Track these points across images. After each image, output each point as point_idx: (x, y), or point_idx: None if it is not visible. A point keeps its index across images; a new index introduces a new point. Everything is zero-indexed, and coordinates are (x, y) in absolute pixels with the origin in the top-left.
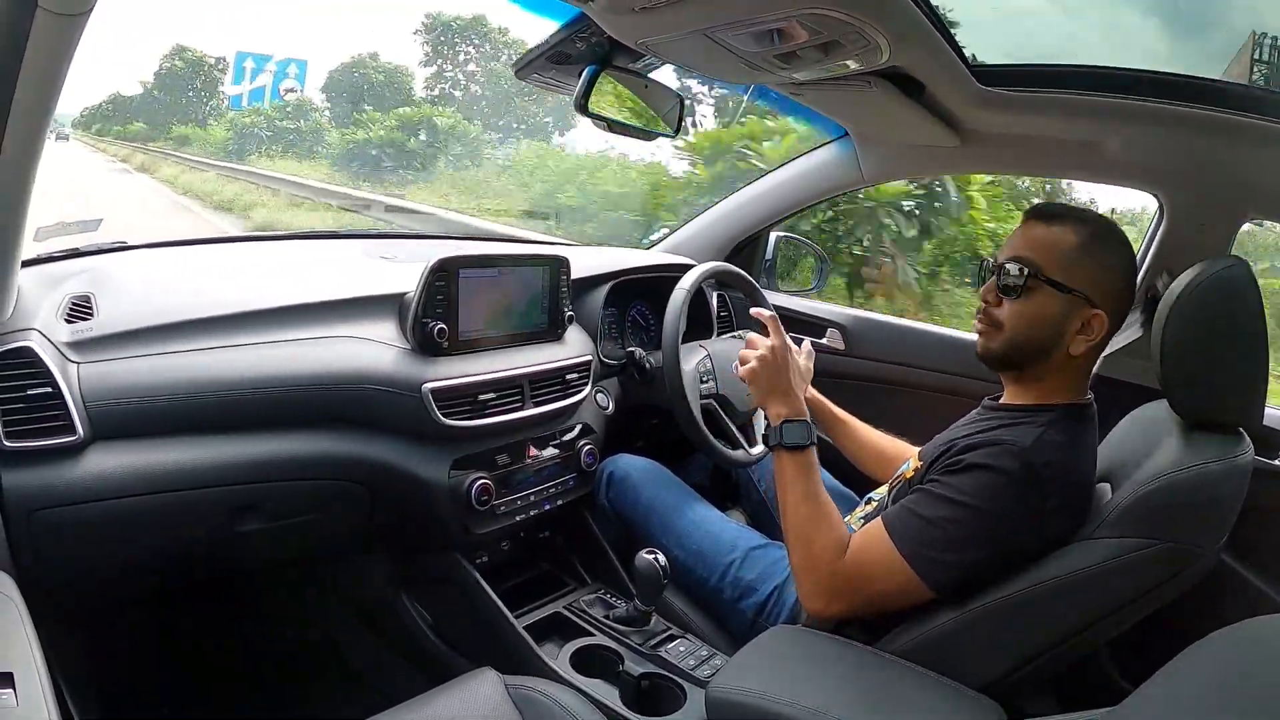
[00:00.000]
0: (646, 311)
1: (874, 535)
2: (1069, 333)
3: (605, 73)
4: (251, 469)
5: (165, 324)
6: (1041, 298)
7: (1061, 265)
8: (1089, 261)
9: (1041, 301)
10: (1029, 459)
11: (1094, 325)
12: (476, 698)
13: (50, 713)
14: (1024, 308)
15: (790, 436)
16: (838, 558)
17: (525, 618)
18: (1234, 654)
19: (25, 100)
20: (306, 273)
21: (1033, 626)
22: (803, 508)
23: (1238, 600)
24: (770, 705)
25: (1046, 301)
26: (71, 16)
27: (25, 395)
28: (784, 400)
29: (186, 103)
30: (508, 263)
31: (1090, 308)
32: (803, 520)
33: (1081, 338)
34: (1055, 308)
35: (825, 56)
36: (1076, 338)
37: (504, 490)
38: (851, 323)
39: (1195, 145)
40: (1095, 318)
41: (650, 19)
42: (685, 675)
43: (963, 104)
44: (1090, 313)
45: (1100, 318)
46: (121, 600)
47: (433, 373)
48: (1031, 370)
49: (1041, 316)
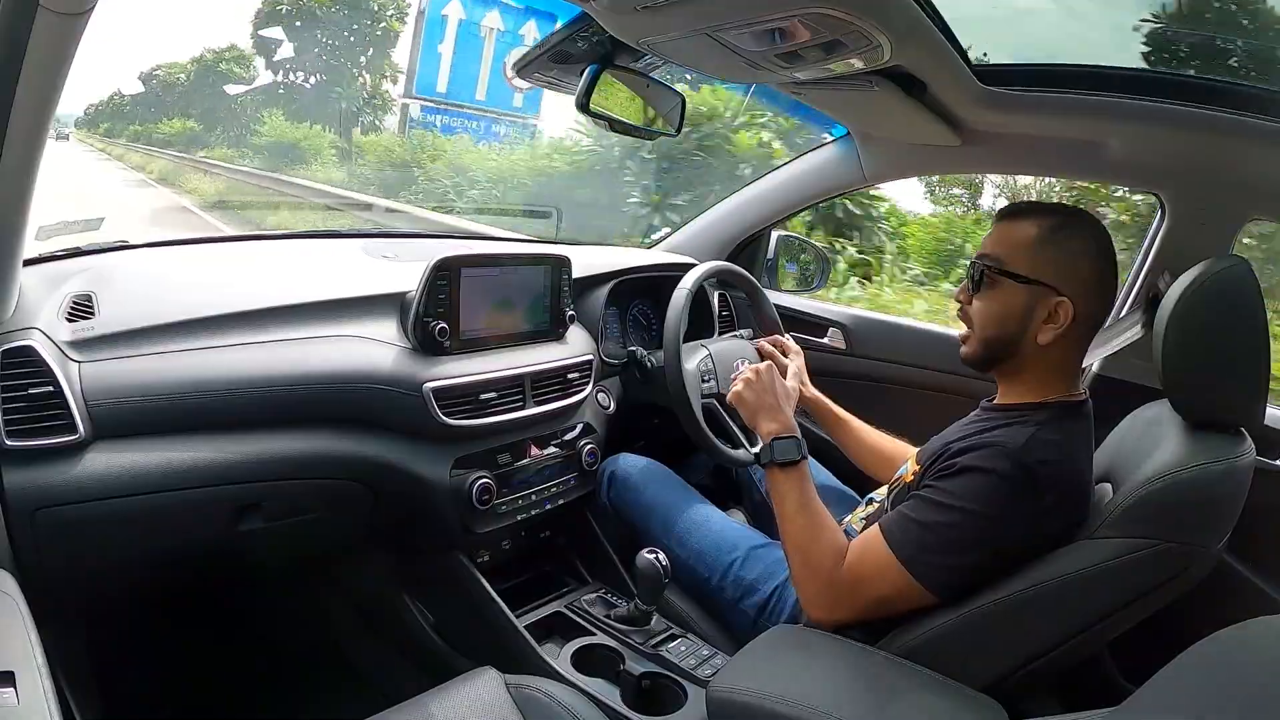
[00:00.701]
0: (648, 311)
1: (872, 542)
2: (1035, 322)
3: (607, 72)
4: (253, 468)
5: (166, 323)
6: (1004, 291)
7: (1023, 257)
8: (1051, 251)
9: (1005, 294)
10: (1021, 459)
11: (1060, 313)
12: (478, 697)
13: (51, 712)
14: (988, 303)
15: (781, 453)
16: (836, 566)
17: (526, 617)
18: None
19: (27, 100)
20: (308, 272)
21: (1034, 627)
22: (798, 519)
23: (1239, 600)
24: (771, 705)
25: (1009, 294)
26: (73, 16)
27: (27, 394)
28: (772, 418)
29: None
30: (509, 262)
31: (1055, 295)
32: (799, 531)
33: (1049, 326)
34: (1018, 299)
35: (827, 56)
36: (1044, 327)
37: (505, 489)
38: (853, 322)
39: (1197, 145)
40: (1061, 305)
41: (652, 18)
42: (686, 675)
43: (964, 103)
44: (1055, 300)
45: (1065, 305)
46: (123, 599)
47: (434, 372)
48: (1009, 365)
49: (1006, 309)
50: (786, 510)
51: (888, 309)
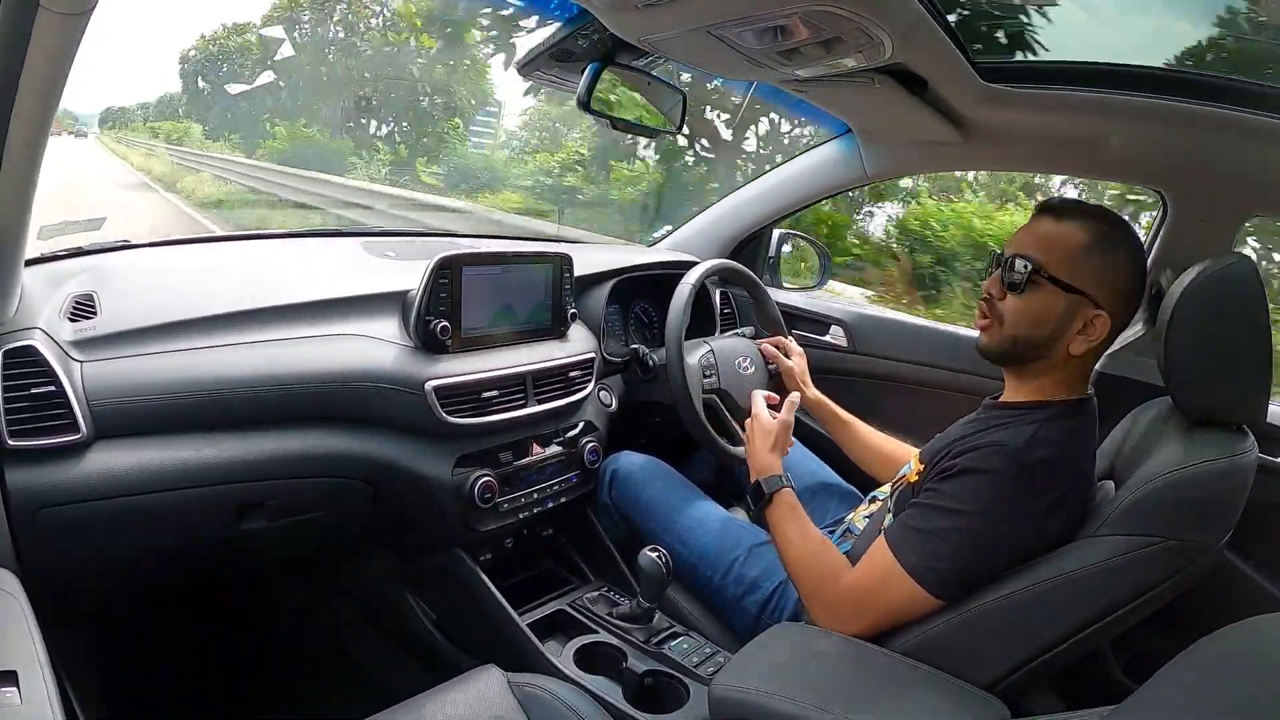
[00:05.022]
0: (649, 309)
1: (878, 554)
2: (1070, 332)
3: (608, 70)
4: (255, 467)
5: (168, 322)
6: (1044, 295)
7: (1067, 264)
8: (1096, 261)
9: (1044, 299)
10: (1021, 458)
11: (1096, 325)
12: (480, 695)
13: (54, 711)
14: (1027, 304)
15: (769, 486)
16: (839, 580)
17: (529, 615)
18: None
19: (28, 100)
20: (309, 270)
21: (1036, 625)
22: (794, 541)
23: (1241, 598)
24: (773, 703)
25: (1049, 299)
26: (74, 16)
27: (29, 394)
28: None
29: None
30: (511, 260)
31: (1093, 308)
32: (798, 554)
33: (1082, 338)
34: (1058, 306)
35: (828, 53)
36: (1077, 338)
37: (507, 488)
38: (856, 320)
39: (1199, 142)
40: (1098, 318)
41: (653, 16)
42: (688, 672)
43: (966, 101)
44: (1093, 313)
45: (1103, 319)
46: (126, 598)
47: (436, 370)
48: (1030, 367)
49: (1043, 314)
50: (781, 535)
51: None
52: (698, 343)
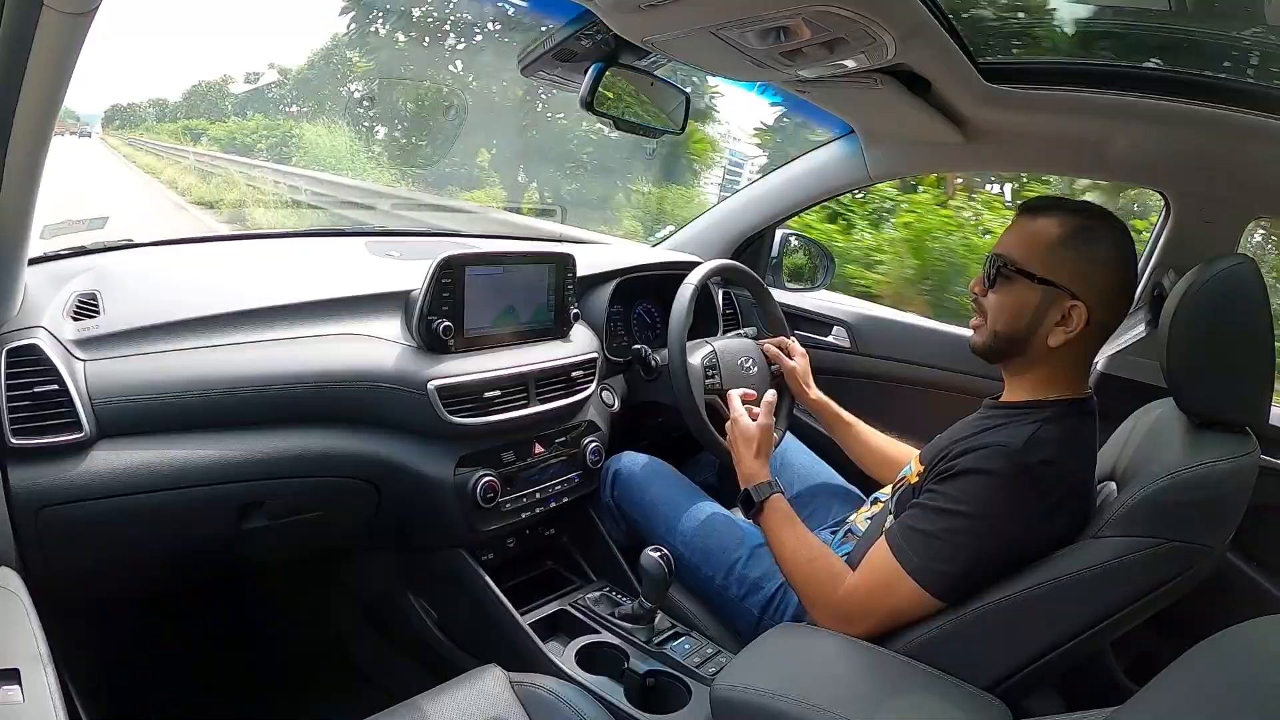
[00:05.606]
0: (652, 309)
1: (879, 555)
2: (1048, 324)
3: (611, 70)
4: (257, 466)
5: (170, 321)
6: (1018, 289)
7: (1040, 257)
8: (1071, 254)
9: (1018, 292)
10: (1020, 459)
11: (1073, 316)
12: (482, 694)
13: (56, 709)
14: (1002, 299)
15: (758, 494)
16: (839, 583)
17: (530, 615)
18: (1240, 654)
19: (32, 99)
20: (312, 270)
21: (1038, 626)
22: (789, 547)
23: (1243, 600)
24: (775, 703)
25: (1023, 293)
26: (78, 15)
27: (32, 393)
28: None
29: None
30: (514, 260)
31: (1070, 299)
32: (795, 560)
33: (1060, 329)
34: (1032, 299)
35: (831, 54)
36: (1056, 329)
37: (509, 488)
38: (858, 320)
39: (1201, 143)
40: (1074, 309)
41: (655, 17)
42: (690, 673)
43: (969, 102)
44: (1069, 304)
45: (1079, 309)
46: (128, 597)
47: (438, 370)
48: (1016, 362)
49: (1018, 307)
50: (777, 540)
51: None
52: (700, 343)
